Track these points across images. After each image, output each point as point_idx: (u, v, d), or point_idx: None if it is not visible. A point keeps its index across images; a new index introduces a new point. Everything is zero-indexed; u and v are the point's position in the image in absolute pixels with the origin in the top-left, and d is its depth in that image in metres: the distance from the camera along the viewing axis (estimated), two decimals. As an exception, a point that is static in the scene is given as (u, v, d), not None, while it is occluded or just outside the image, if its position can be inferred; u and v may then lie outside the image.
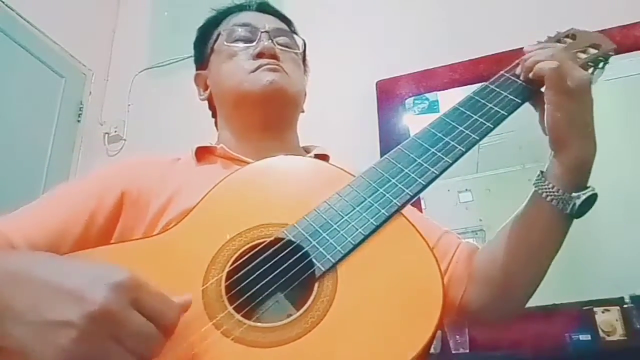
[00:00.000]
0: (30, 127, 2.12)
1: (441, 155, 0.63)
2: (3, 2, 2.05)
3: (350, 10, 2.19)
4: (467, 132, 0.65)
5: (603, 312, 1.41)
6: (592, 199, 0.65)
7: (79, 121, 2.35)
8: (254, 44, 0.85)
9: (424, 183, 0.61)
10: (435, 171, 0.62)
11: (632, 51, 1.64)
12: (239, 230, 0.59)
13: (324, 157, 0.84)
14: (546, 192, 0.66)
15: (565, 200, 0.65)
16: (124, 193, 0.74)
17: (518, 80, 0.68)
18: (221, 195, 0.64)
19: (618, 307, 1.41)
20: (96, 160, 2.28)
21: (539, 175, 0.68)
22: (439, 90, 1.90)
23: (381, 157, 0.66)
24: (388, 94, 1.96)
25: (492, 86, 0.69)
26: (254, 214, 0.61)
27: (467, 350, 1.50)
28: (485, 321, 0.81)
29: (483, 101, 0.67)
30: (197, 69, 0.95)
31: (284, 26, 0.91)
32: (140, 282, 0.46)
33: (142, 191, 0.75)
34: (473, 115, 0.66)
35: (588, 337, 1.40)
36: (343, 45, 2.09)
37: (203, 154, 0.84)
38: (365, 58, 2.06)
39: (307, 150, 0.90)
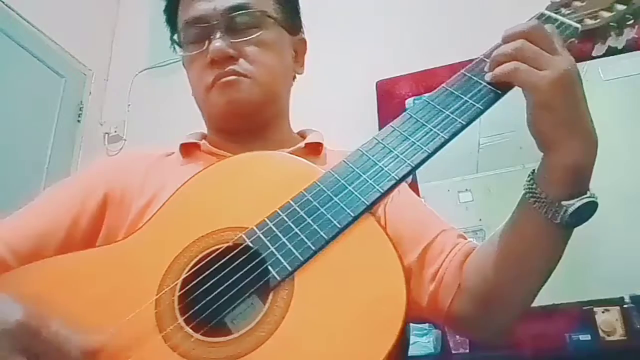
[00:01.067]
0: (30, 127, 2.12)
1: (419, 145, 0.56)
2: (3, 2, 2.05)
3: (350, 10, 2.19)
4: (452, 116, 0.57)
5: (603, 312, 1.41)
6: (590, 207, 0.56)
7: (79, 121, 2.35)
8: (206, 46, 0.75)
9: (397, 178, 0.54)
10: (411, 164, 0.55)
11: (632, 51, 1.64)
12: (198, 235, 0.55)
13: (317, 146, 0.80)
14: (534, 197, 0.58)
15: (556, 208, 0.56)
16: (107, 195, 0.72)
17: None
18: (183, 198, 0.61)
19: (618, 307, 1.41)
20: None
21: (529, 177, 0.60)
22: (439, 90, 1.90)
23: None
24: (388, 94, 1.96)
25: (469, 74, 0.60)
26: (217, 217, 0.57)
27: (467, 350, 1.50)
28: (469, 332, 0.75)
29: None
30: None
31: None
32: (33, 325, 0.44)
33: (125, 190, 0.72)
34: (463, 97, 0.58)
35: (588, 337, 1.40)
36: (343, 45, 2.08)
37: (189, 150, 0.80)
38: (365, 58, 2.06)
39: (302, 135, 0.85)
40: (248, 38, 0.76)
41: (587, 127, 0.56)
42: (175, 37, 0.84)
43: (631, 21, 0.62)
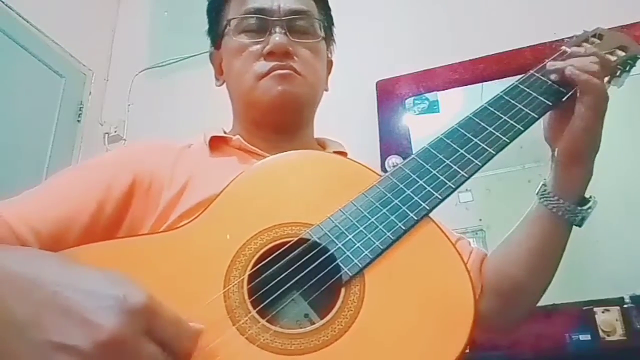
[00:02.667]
0: (30, 127, 2.11)
1: (471, 158, 0.61)
2: (3, 2, 2.05)
3: (350, 10, 2.18)
4: (497, 134, 0.63)
5: (603, 312, 1.41)
6: (593, 208, 0.67)
7: (79, 121, 2.35)
8: (265, 37, 0.78)
9: (453, 187, 0.59)
10: (465, 174, 0.60)
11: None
12: (260, 229, 0.56)
13: (341, 155, 0.80)
14: (556, 206, 0.67)
15: (576, 213, 0.66)
16: (135, 181, 0.69)
17: (548, 82, 0.67)
18: (240, 190, 0.61)
19: (618, 307, 1.41)
20: (96, 160, 2.28)
21: (544, 190, 0.68)
22: (439, 90, 1.90)
23: (381, 157, 0.64)
24: (388, 94, 1.95)
25: (522, 86, 0.67)
26: (276, 212, 0.58)
27: (467, 350, 1.50)
28: (490, 328, 0.79)
29: (513, 101, 0.65)
30: (211, 44, 0.87)
31: (302, 4, 0.81)
32: (156, 308, 0.42)
33: (154, 179, 0.70)
34: (503, 116, 0.64)
35: (588, 337, 1.40)
36: (343, 45, 2.08)
37: (217, 143, 0.79)
38: (365, 58, 2.06)
39: (320, 143, 0.87)
40: (305, 41, 0.80)
41: (599, 148, 0.66)
42: (217, 27, 0.85)
43: (629, 66, 0.72)
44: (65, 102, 2.28)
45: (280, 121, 0.80)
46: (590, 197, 0.68)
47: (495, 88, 0.69)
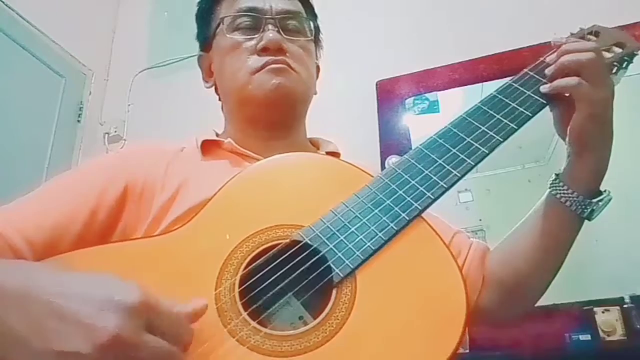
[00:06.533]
0: (30, 127, 2.11)
1: (464, 158, 0.60)
2: (3, 2, 2.05)
3: (350, 10, 2.19)
4: (490, 133, 0.62)
5: (603, 312, 1.41)
6: (607, 203, 0.65)
7: (79, 121, 2.35)
8: (258, 35, 0.79)
9: (445, 186, 0.58)
10: (458, 174, 0.59)
11: (632, 51, 1.64)
12: (252, 231, 0.56)
13: (334, 156, 0.81)
14: (565, 196, 0.66)
15: (585, 205, 0.65)
16: (128, 187, 0.69)
17: (542, 80, 0.66)
18: (233, 193, 0.61)
19: (618, 307, 1.41)
20: (96, 160, 2.27)
21: (555, 179, 0.67)
22: (439, 90, 1.90)
23: (381, 157, 0.64)
24: (388, 94, 1.95)
25: (515, 85, 0.67)
26: (268, 214, 0.58)
27: (467, 350, 1.50)
28: (492, 320, 0.80)
29: (506, 100, 0.65)
30: (200, 48, 0.89)
31: (293, 6, 0.83)
32: (152, 303, 0.43)
33: (146, 184, 0.70)
34: (496, 115, 0.63)
35: (588, 337, 1.40)
36: (343, 45, 2.08)
37: (209, 147, 0.79)
38: (365, 58, 2.06)
39: (314, 143, 0.87)
40: (297, 39, 0.81)
41: (612, 138, 0.66)
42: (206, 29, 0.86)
43: (626, 62, 0.72)
44: (65, 102, 2.28)
45: (274, 117, 0.80)
46: (605, 191, 0.66)
47: (495, 88, 0.69)
